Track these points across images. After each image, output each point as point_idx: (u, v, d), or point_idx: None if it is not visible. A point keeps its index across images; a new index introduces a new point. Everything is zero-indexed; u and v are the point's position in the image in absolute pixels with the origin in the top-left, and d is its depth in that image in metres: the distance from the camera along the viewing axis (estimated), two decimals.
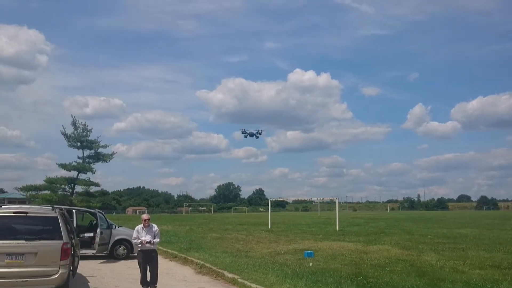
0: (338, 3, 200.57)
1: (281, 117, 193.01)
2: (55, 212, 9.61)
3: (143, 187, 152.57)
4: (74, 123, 43.85)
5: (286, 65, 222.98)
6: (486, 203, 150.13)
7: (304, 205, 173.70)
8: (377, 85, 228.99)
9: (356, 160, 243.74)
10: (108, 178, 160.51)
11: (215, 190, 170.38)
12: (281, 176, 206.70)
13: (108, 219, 16.90)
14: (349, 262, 13.50)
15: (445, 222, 39.06)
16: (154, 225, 10.98)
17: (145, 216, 10.89)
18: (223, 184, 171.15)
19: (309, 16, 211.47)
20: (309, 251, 15.48)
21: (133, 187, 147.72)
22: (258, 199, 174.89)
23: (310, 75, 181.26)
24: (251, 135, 35.63)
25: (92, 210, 17.18)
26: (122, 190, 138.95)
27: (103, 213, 17.20)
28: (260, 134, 35.95)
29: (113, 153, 46.08)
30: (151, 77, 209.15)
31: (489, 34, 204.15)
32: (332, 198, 32.80)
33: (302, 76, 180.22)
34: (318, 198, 33.86)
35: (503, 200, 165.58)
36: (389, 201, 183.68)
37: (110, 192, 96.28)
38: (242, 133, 36.05)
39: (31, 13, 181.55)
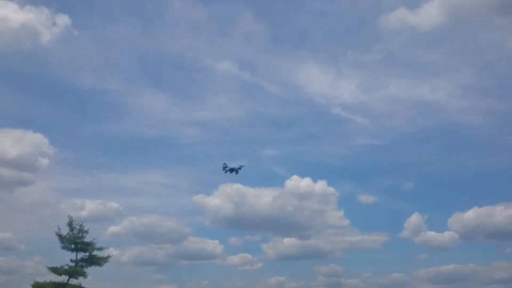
0: (334, 115, 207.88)
1: (277, 224, 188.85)
2: None
3: None
4: (70, 224, 42.29)
5: (283, 171, 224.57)
6: None
7: None
8: (373, 193, 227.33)
9: (354, 269, 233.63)
10: (97, 284, 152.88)
11: None
12: (277, 285, 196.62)
13: None
14: None
15: None
16: None
17: None
18: None
19: (307, 126, 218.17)
20: None
21: None
22: None
23: (307, 182, 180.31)
24: (231, 170, 35.04)
25: None
26: None
27: None
28: (240, 169, 35.60)
29: (108, 256, 43.75)
30: (150, 182, 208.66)
31: (482, 146, 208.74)
32: None
33: (299, 183, 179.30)
34: None
35: None
36: None
37: None
38: (223, 168, 35.59)
39: (39, 119, 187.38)
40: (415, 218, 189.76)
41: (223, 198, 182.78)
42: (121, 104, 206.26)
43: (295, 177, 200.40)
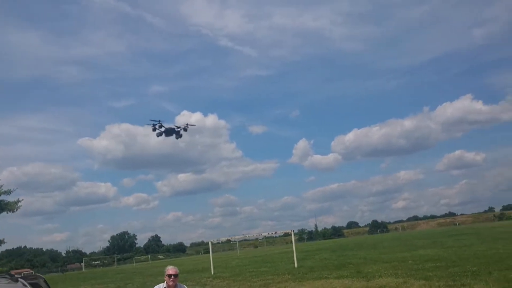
0: (221, 46, 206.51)
1: (171, 161, 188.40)
2: (20, 283, 5.46)
3: (25, 246, 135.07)
4: None
5: (173, 107, 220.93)
6: (378, 226, 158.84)
7: (204, 248, 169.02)
8: (263, 123, 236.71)
9: (248, 198, 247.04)
10: None
11: (109, 241, 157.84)
12: (175, 220, 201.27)
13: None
14: None
15: (385, 247, 38.03)
16: (184, 286, 7.12)
17: (172, 270, 6.98)
18: (117, 234, 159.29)
19: (194, 60, 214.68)
20: None
21: (13, 248, 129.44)
22: (155, 246, 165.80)
23: (197, 116, 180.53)
24: (169, 132, 26.13)
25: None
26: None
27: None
28: (186, 130, 27.65)
29: (18, 201, 37.80)
30: (29, 127, 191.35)
31: (361, 72, 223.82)
32: (289, 231, 29.96)
33: (189, 118, 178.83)
34: (269, 233, 30.76)
35: (388, 223, 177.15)
36: (285, 235, 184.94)
37: None
38: (154, 129, 26.49)
39: None
40: (302, 144, 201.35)
41: (111, 139, 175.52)
42: None
43: (185, 112, 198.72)
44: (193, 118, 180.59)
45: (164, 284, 6.89)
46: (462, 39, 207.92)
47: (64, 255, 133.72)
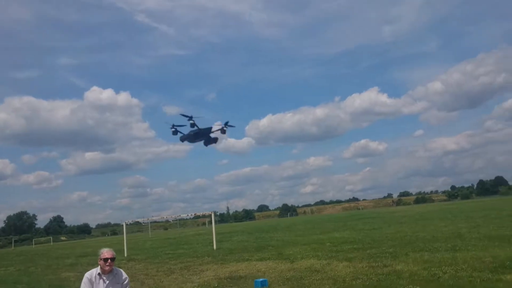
0: (138, 22, 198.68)
1: (78, 138, 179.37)
2: None
3: None
4: None
5: (82, 82, 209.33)
6: (288, 210, 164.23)
7: (111, 229, 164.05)
8: (178, 104, 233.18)
9: (159, 179, 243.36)
10: None
11: (4, 221, 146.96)
12: (80, 200, 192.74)
13: None
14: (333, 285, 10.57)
15: (299, 230, 39.01)
16: (121, 270, 6.36)
17: (108, 253, 6.14)
18: (14, 214, 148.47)
19: (108, 34, 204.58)
20: (261, 279, 11.92)
21: None
22: (57, 227, 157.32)
23: (108, 93, 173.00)
24: (201, 135, 20.09)
25: None
26: None
27: None
28: (224, 132, 22.68)
29: None
30: None
31: (278, 58, 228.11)
32: (205, 213, 29.34)
33: (100, 95, 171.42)
34: (188, 214, 29.95)
35: (297, 207, 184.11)
36: (196, 217, 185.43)
37: None
38: (175, 132, 21.41)
39: None
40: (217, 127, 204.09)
41: (10, 112, 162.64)
42: None
43: (95, 88, 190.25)
44: (104, 94, 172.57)
45: (98, 270, 6.05)
46: (373, 34, 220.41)
47: None
